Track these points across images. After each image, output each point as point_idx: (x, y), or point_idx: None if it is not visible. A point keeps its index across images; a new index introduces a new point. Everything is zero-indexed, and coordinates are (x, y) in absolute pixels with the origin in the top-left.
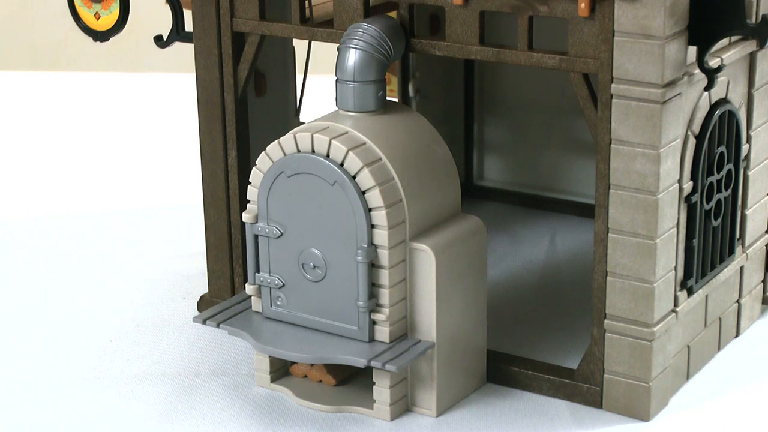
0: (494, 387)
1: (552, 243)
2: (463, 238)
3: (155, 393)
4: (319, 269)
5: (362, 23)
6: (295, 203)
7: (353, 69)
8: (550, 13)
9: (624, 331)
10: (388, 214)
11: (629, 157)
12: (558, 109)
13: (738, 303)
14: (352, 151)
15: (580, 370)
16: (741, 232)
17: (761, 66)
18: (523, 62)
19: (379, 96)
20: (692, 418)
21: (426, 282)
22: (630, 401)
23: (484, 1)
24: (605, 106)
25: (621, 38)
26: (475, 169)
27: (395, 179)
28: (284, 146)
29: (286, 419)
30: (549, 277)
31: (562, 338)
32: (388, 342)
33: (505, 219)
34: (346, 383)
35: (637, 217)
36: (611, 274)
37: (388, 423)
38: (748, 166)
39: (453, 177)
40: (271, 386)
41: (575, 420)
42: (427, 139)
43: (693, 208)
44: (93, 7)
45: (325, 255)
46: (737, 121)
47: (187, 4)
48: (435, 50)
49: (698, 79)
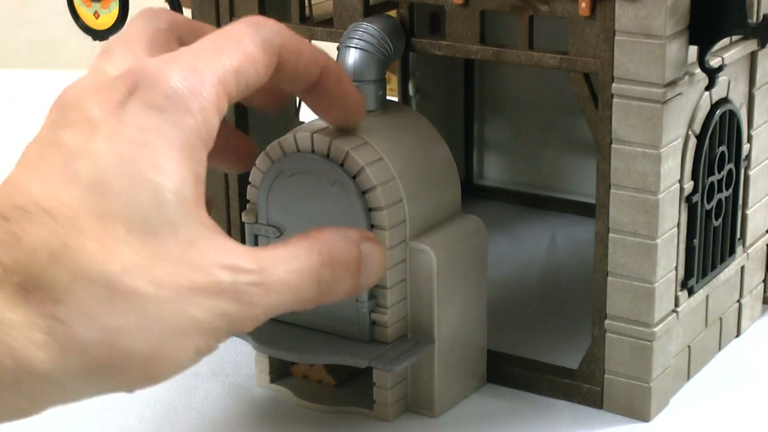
0: (494, 387)
1: (552, 243)
2: (464, 237)
3: (154, 393)
4: None
5: (362, 22)
6: (294, 203)
7: (353, 68)
8: (550, 12)
9: (624, 332)
10: (389, 214)
11: (630, 157)
12: (558, 108)
13: (739, 303)
14: (352, 150)
15: (581, 371)
16: (742, 232)
17: (762, 65)
18: (523, 62)
19: (379, 95)
20: (692, 418)
21: (426, 282)
22: (630, 401)
23: (485, 1)
24: (606, 105)
25: (622, 38)
26: (475, 169)
27: (396, 179)
28: (284, 146)
29: (286, 419)
30: (549, 277)
31: (563, 338)
32: (388, 342)
33: (505, 219)
34: (346, 383)
35: (637, 217)
36: (612, 274)
37: (388, 423)
38: (749, 165)
39: (453, 177)
40: (271, 386)
41: (575, 420)
42: (428, 138)
43: (694, 208)
44: (92, 6)
45: None
46: (738, 120)
47: (186, 4)
48: (435, 50)
49: (699, 79)
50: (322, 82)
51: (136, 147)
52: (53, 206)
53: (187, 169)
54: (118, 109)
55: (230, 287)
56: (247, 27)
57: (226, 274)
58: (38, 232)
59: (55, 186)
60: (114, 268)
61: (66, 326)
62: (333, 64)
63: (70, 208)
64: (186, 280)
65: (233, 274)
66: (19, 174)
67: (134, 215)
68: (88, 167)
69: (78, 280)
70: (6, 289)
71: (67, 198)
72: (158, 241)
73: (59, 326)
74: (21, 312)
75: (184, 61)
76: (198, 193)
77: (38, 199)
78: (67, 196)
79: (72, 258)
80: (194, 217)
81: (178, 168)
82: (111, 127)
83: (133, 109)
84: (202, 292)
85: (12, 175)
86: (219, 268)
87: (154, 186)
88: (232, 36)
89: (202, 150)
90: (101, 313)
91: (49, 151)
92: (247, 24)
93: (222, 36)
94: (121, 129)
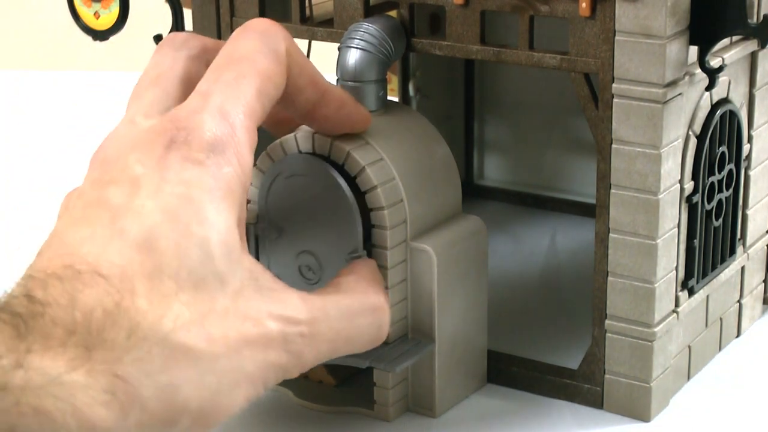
0: (495, 387)
1: (552, 243)
2: (464, 238)
3: None
4: (315, 271)
5: (363, 23)
6: (294, 204)
7: (354, 69)
8: (550, 12)
9: (625, 332)
10: (389, 214)
11: (630, 157)
12: (558, 108)
13: (739, 303)
14: (353, 151)
15: (581, 371)
16: (742, 232)
17: (762, 66)
18: (523, 62)
19: (379, 96)
20: (693, 419)
21: (427, 282)
22: (631, 402)
23: (485, 1)
24: (606, 105)
25: (622, 38)
26: (475, 169)
27: (396, 179)
28: (285, 146)
29: (286, 419)
30: (549, 277)
31: (563, 338)
32: (388, 342)
33: (506, 219)
34: (346, 383)
35: (638, 217)
36: (612, 275)
37: (388, 423)
38: (750, 165)
39: (453, 177)
40: None
41: (576, 420)
42: (428, 138)
43: (694, 208)
44: (92, 6)
45: (322, 257)
46: (738, 120)
47: (187, 3)
48: (435, 50)
49: (699, 79)
50: (323, 108)
51: (179, 202)
52: (103, 266)
53: (230, 217)
54: (158, 165)
55: (279, 337)
56: (255, 41)
57: (275, 324)
58: (92, 293)
59: (103, 245)
60: (167, 325)
61: (126, 383)
62: (334, 89)
63: (120, 267)
64: (236, 333)
65: (283, 325)
66: (65, 231)
67: (183, 270)
68: (135, 225)
69: (133, 338)
70: (68, 351)
71: (117, 257)
72: (208, 295)
73: (121, 384)
74: (83, 371)
75: (212, 105)
76: (242, 237)
77: (89, 258)
78: (117, 255)
79: (126, 317)
80: (240, 265)
81: (223, 219)
82: (153, 184)
83: (173, 164)
84: (253, 344)
85: (59, 231)
86: (268, 318)
87: (200, 240)
88: (245, 57)
89: (242, 193)
90: (157, 369)
91: (94, 208)
92: (254, 36)
93: (236, 60)
94: (163, 185)
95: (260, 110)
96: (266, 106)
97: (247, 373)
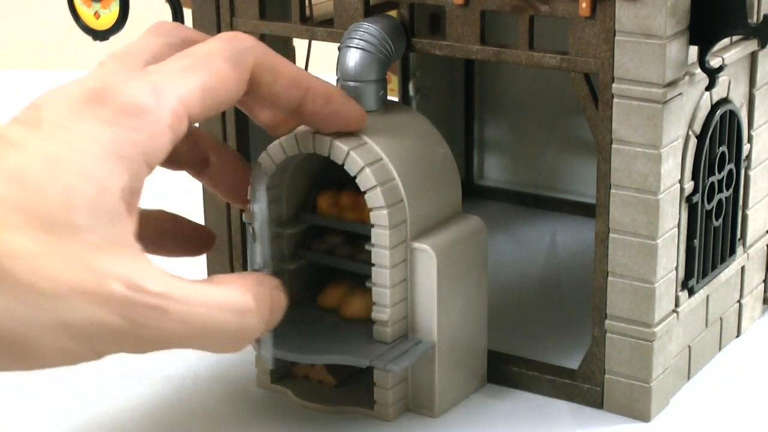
0: (495, 387)
1: (552, 243)
2: (464, 237)
3: (154, 392)
4: None
5: (363, 23)
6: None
7: (354, 69)
8: (550, 12)
9: (625, 332)
10: (389, 214)
11: (630, 157)
12: (558, 108)
13: (739, 303)
14: (352, 151)
15: (581, 371)
16: (742, 232)
17: (762, 65)
18: (523, 62)
19: (379, 96)
20: (693, 419)
21: (427, 282)
22: (631, 402)
23: (485, 1)
24: (606, 105)
25: (622, 38)
26: (475, 169)
27: (396, 179)
28: (285, 147)
29: (287, 419)
30: (549, 277)
31: (563, 338)
32: (389, 342)
33: (506, 219)
34: (346, 383)
35: (638, 217)
36: (612, 274)
37: (388, 423)
38: (750, 165)
39: (454, 177)
40: (271, 386)
41: (576, 420)
42: (428, 138)
43: (694, 208)
44: (92, 6)
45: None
46: (738, 120)
47: (187, 3)
48: (435, 50)
49: (699, 79)
50: (308, 105)
51: (67, 149)
52: None
53: (113, 180)
54: (69, 114)
55: (121, 300)
56: (219, 43)
57: (120, 286)
58: None
59: None
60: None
61: None
62: (318, 85)
63: None
64: (71, 279)
65: (129, 290)
66: None
67: (38, 210)
68: (14, 157)
69: None
70: None
71: None
72: (56, 240)
73: None
74: None
75: (149, 79)
76: (128, 206)
77: None
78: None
79: None
80: (110, 225)
81: (104, 177)
82: (53, 129)
83: (82, 116)
84: (85, 296)
85: None
86: (115, 279)
87: (67, 189)
88: (203, 53)
89: (143, 166)
90: None
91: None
92: (220, 40)
93: (193, 54)
94: (60, 132)
95: (199, 105)
96: (209, 104)
97: (66, 320)
